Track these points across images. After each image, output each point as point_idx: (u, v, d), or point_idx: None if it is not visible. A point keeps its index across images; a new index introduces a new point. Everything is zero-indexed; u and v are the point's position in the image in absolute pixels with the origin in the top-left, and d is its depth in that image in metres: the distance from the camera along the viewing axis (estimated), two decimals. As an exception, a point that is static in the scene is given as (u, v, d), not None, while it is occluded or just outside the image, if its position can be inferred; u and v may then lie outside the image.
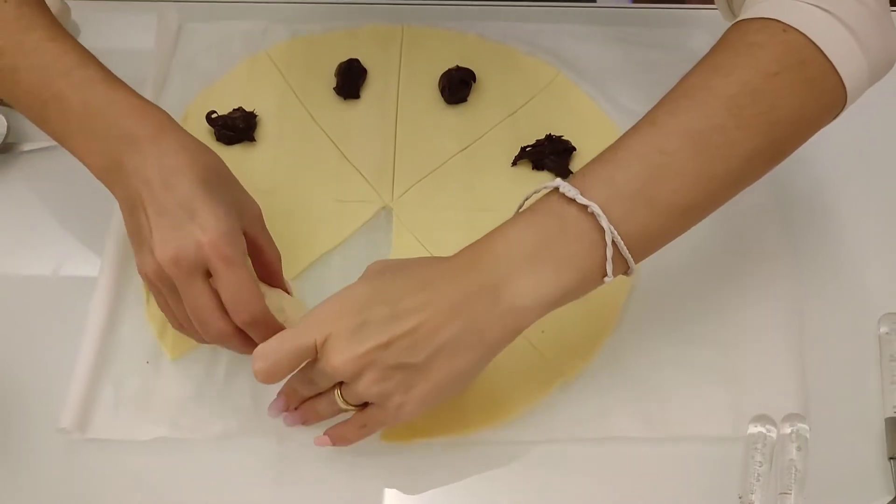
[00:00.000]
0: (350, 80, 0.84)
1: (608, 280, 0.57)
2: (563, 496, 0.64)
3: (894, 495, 0.63)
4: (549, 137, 0.79)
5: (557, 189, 0.57)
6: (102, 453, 0.65)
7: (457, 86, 0.83)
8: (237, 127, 0.80)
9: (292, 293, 0.67)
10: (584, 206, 0.55)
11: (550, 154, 0.78)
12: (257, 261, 0.65)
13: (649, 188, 0.56)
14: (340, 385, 0.59)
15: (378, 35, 0.89)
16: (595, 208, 0.55)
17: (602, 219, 0.55)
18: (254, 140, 0.81)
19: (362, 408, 0.60)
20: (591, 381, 0.68)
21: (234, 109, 0.81)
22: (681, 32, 0.89)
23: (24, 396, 0.67)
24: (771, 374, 0.68)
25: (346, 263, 0.74)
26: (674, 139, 0.57)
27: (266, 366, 0.57)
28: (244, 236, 0.62)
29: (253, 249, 0.63)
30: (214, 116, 0.81)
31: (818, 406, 0.67)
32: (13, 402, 0.67)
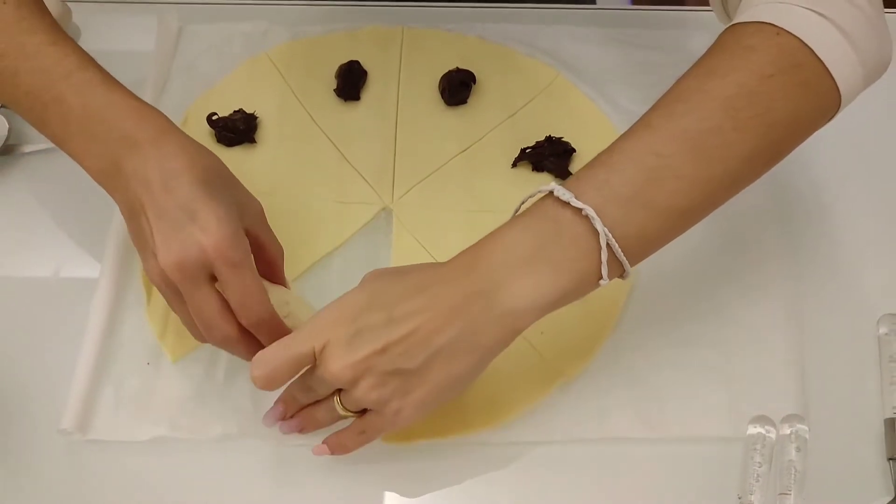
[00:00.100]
0: (350, 82, 0.84)
1: (604, 283, 0.57)
2: (563, 497, 0.64)
3: (893, 496, 0.63)
4: (549, 139, 0.79)
5: (552, 193, 0.57)
6: (103, 454, 0.65)
7: (457, 87, 0.83)
8: (237, 129, 0.80)
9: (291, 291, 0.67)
10: (579, 210, 0.55)
11: (550, 155, 0.78)
12: (260, 258, 0.64)
13: (645, 191, 0.56)
14: (339, 392, 0.59)
15: (378, 37, 0.89)
16: (589, 211, 0.55)
17: (596, 222, 0.55)
18: (254, 142, 0.81)
19: (361, 414, 0.60)
20: (591, 382, 0.68)
21: (235, 111, 0.81)
22: (680, 34, 0.89)
23: (25, 397, 0.67)
24: (770, 375, 0.68)
25: (347, 265, 0.74)
26: (670, 142, 0.57)
27: (265, 372, 0.57)
28: (246, 235, 0.61)
29: (255, 247, 0.63)
30: (215, 118, 0.81)
31: (817, 407, 0.67)
32: (14, 404, 0.67)
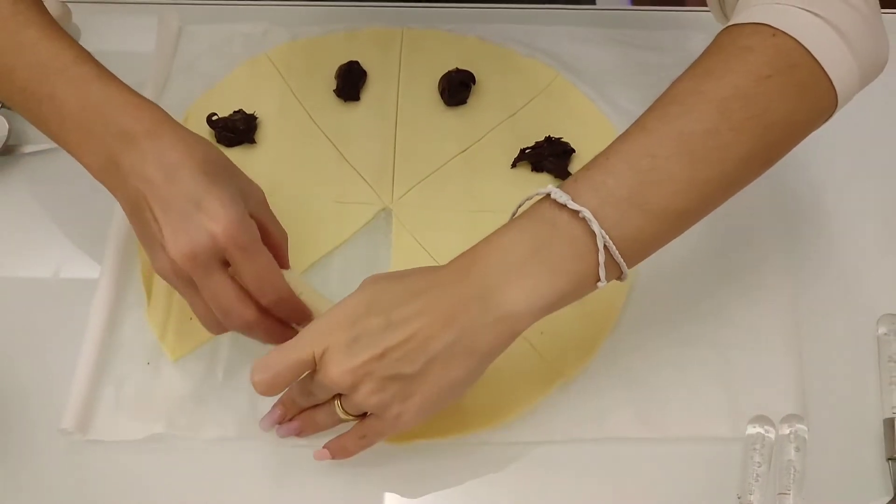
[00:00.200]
0: (350, 83, 0.84)
1: (601, 285, 0.57)
2: (563, 497, 0.64)
3: (893, 496, 0.63)
4: (549, 139, 0.80)
5: (549, 195, 0.57)
6: (103, 454, 0.65)
7: (456, 88, 0.83)
8: (237, 129, 0.80)
9: None
10: (576, 212, 0.55)
11: (550, 156, 0.79)
12: (265, 244, 0.64)
13: (642, 193, 0.56)
14: (340, 396, 0.59)
15: (378, 37, 0.89)
16: (586, 213, 0.55)
17: (593, 223, 0.55)
18: (254, 142, 0.81)
19: (361, 418, 0.60)
20: (591, 382, 0.68)
21: (235, 111, 0.81)
22: (680, 34, 0.89)
23: (26, 397, 0.67)
24: (769, 375, 0.68)
25: (346, 265, 0.74)
26: (666, 143, 0.57)
27: (265, 377, 0.57)
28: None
29: (260, 233, 0.63)
30: (215, 118, 0.81)
31: (817, 407, 0.67)
32: (14, 403, 0.67)
